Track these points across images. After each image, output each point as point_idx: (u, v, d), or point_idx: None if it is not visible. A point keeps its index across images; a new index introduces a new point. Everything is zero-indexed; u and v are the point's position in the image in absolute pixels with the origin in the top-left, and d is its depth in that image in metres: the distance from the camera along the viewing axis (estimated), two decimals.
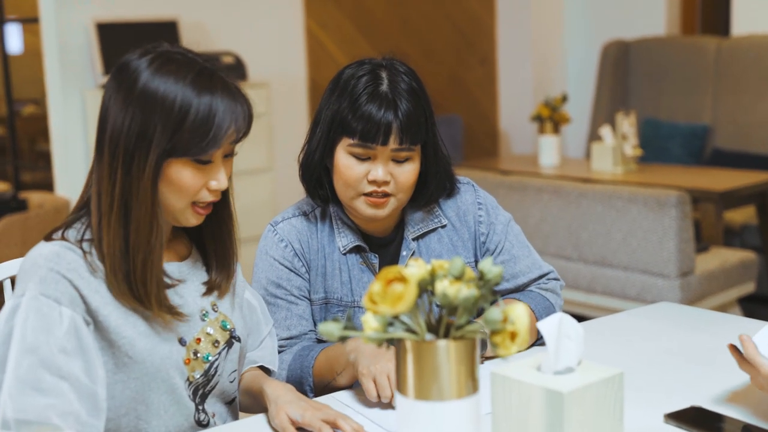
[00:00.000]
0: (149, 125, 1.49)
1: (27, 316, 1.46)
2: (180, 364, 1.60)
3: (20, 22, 6.64)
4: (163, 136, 1.49)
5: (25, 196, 5.35)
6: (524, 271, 2.04)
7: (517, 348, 1.18)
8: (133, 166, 1.50)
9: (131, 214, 1.51)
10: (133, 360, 1.55)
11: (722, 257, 4.38)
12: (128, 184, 1.51)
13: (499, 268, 1.18)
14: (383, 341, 1.17)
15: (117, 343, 1.54)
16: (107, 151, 1.52)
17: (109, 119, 1.52)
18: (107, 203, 1.51)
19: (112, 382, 1.55)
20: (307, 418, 1.58)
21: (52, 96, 5.24)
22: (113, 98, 1.53)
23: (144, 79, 1.50)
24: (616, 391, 1.29)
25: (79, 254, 1.52)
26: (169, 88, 1.49)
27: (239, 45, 5.60)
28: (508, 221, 2.05)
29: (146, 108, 1.49)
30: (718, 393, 1.70)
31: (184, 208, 1.56)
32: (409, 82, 1.86)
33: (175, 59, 1.53)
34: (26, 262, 1.52)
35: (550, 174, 5.41)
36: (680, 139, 5.99)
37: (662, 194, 4.03)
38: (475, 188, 2.05)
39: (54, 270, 1.49)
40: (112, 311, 1.53)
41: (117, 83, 1.53)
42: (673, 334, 2.07)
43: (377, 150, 1.83)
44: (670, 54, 6.27)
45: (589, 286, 4.36)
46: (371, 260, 1.96)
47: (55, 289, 1.48)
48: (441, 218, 2.00)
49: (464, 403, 1.17)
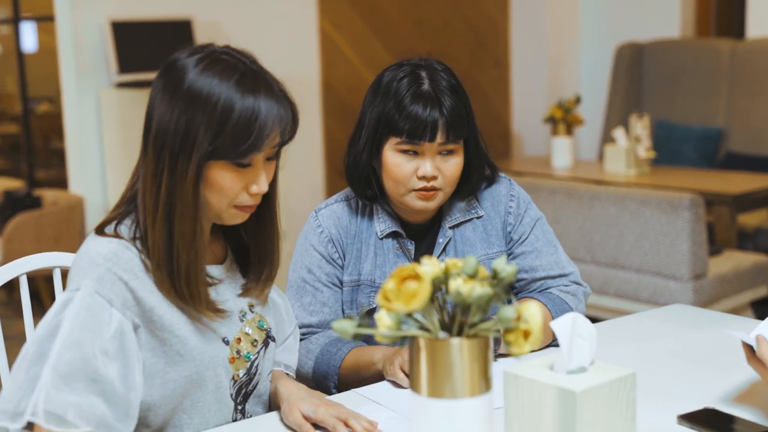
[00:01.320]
0: (192, 126, 1.49)
1: (78, 311, 1.47)
2: (226, 363, 1.62)
3: (35, 21, 6.67)
4: (205, 138, 1.48)
5: (40, 194, 5.38)
6: (544, 267, 2.06)
7: (530, 346, 1.18)
8: (177, 167, 1.50)
9: (175, 214, 1.52)
10: (184, 358, 1.56)
11: (735, 260, 4.37)
12: (172, 185, 1.51)
13: (513, 267, 1.19)
14: (397, 338, 1.18)
15: (169, 341, 1.55)
16: (152, 150, 1.52)
17: (154, 117, 1.53)
18: (152, 203, 1.52)
19: (164, 381, 1.56)
20: (320, 414, 1.59)
21: (66, 94, 5.26)
22: (159, 96, 1.53)
23: (190, 79, 1.50)
24: (628, 391, 1.29)
25: (135, 253, 1.53)
26: (214, 88, 1.49)
27: (253, 44, 5.56)
28: (539, 218, 2.10)
29: (190, 107, 1.49)
30: (731, 394, 1.70)
31: (226, 209, 1.57)
32: (448, 79, 1.94)
33: (221, 59, 1.53)
34: (83, 259, 1.52)
35: (563, 176, 5.41)
36: (694, 141, 5.98)
37: (675, 197, 4.02)
38: (512, 183, 2.11)
39: (111, 270, 1.50)
40: (166, 310, 1.54)
41: (164, 81, 1.53)
42: (686, 335, 2.07)
43: (424, 146, 1.90)
44: (684, 56, 6.25)
45: (601, 288, 4.35)
46: (407, 246, 2.02)
47: (110, 290, 1.49)
48: (478, 210, 2.06)
49: (477, 401, 1.18)
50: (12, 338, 3.92)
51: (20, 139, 6.92)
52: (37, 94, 6.77)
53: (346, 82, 6.14)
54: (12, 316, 5.23)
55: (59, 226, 4.99)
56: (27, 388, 1.42)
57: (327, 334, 2.00)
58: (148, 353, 1.54)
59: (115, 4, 5.20)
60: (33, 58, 6.63)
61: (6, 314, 5.26)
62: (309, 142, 5.81)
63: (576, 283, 2.09)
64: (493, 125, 7.07)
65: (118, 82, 5.08)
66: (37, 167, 6.70)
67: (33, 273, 1.92)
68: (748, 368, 1.80)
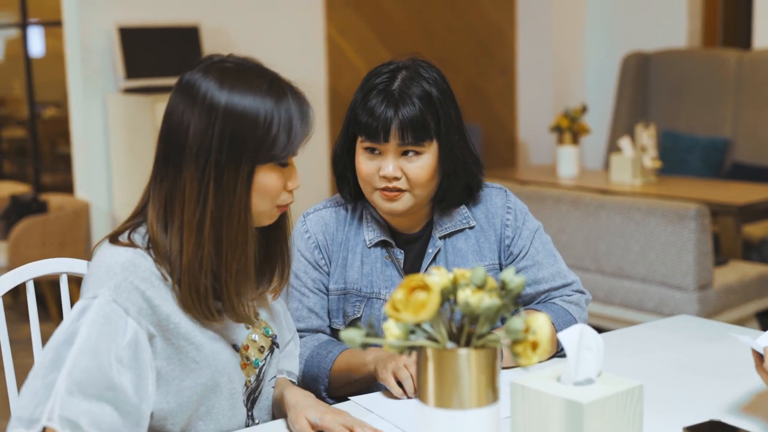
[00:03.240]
0: (237, 140, 1.52)
1: (95, 319, 1.47)
2: (239, 369, 1.64)
3: (43, 26, 6.69)
4: (252, 148, 1.53)
5: (46, 198, 5.38)
6: (547, 279, 2.04)
7: (538, 358, 1.18)
8: (224, 178, 1.53)
9: (224, 226, 1.54)
10: (199, 365, 1.58)
11: (741, 271, 4.36)
12: (220, 196, 1.53)
13: (521, 278, 1.19)
14: (405, 349, 1.18)
15: (185, 348, 1.56)
16: (192, 169, 1.53)
17: (189, 139, 1.53)
18: (197, 220, 1.53)
19: (180, 389, 1.57)
20: (326, 422, 1.59)
21: (73, 99, 5.27)
22: (189, 119, 1.53)
23: (222, 100, 1.53)
24: (635, 403, 1.29)
25: (151, 261, 1.54)
26: (250, 104, 1.53)
27: (260, 50, 5.58)
28: (537, 228, 2.06)
29: (231, 125, 1.52)
30: (737, 406, 1.70)
31: (270, 209, 1.61)
32: (422, 84, 1.89)
33: (242, 71, 1.57)
34: (99, 267, 1.52)
35: (569, 185, 5.41)
36: (700, 152, 5.97)
37: (681, 207, 4.02)
38: (507, 194, 2.07)
39: (128, 279, 1.50)
40: (182, 317, 1.56)
41: (189, 105, 1.54)
42: (692, 346, 2.07)
43: (385, 146, 1.88)
44: (690, 66, 6.25)
45: (606, 297, 4.35)
46: (397, 256, 1.99)
47: (126, 298, 1.50)
48: (470, 220, 2.02)
49: (484, 412, 1.18)
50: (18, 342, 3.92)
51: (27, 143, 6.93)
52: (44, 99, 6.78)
53: (352, 88, 6.15)
54: (18, 320, 5.24)
55: (65, 230, 5.00)
56: (43, 395, 1.43)
57: (316, 337, 1.99)
58: (164, 361, 1.55)
59: (123, 9, 5.22)
60: (40, 63, 6.65)
61: (12, 318, 5.26)
62: (315, 148, 5.81)
63: (578, 291, 2.08)
64: (499, 134, 7.07)
65: (125, 87, 5.09)
66: (44, 172, 6.71)
67: (39, 278, 1.92)
68: (753, 379, 1.80)
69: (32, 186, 6.43)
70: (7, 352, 1.83)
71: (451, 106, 1.93)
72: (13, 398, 1.83)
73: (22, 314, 5.21)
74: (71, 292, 4.14)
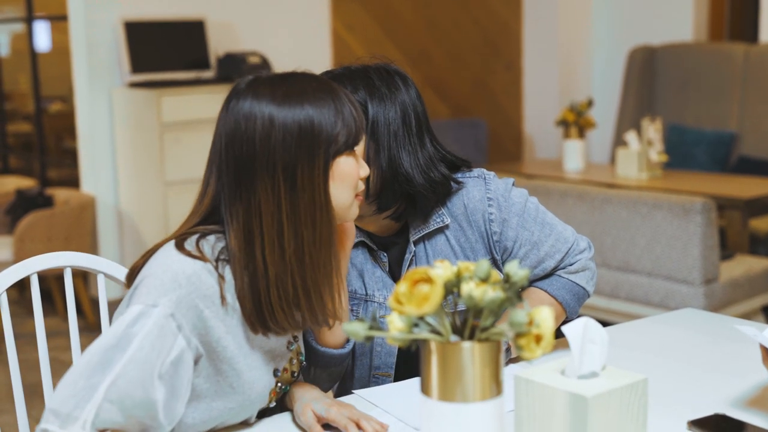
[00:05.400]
0: (304, 145, 1.53)
1: (151, 330, 1.45)
2: (267, 395, 1.64)
3: (49, 20, 6.69)
4: (325, 143, 1.54)
5: (51, 193, 5.39)
6: (550, 253, 1.98)
7: (542, 351, 1.18)
8: (297, 179, 1.52)
9: (302, 225, 1.53)
10: (234, 391, 1.58)
11: (747, 265, 4.35)
12: (296, 198, 1.52)
13: (525, 271, 1.18)
14: (408, 341, 1.18)
15: (226, 373, 1.56)
16: (265, 182, 1.52)
17: (257, 159, 1.52)
18: (275, 228, 1.52)
19: (209, 408, 1.57)
20: (332, 414, 1.59)
21: (79, 94, 5.28)
22: (254, 142, 1.52)
23: (282, 114, 1.52)
24: (640, 397, 1.29)
25: (215, 278, 1.52)
26: (311, 110, 1.53)
27: (266, 45, 5.61)
28: (523, 205, 1.96)
29: (298, 134, 1.52)
30: (742, 400, 1.70)
31: (351, 202, 1.61)
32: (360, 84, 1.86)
33: (285, 81, 1.56)
34: (165, 273, 1.50)
35: (575, 179, 5.40)
36: (706, 145, 5.96)
37: (687, 201, 4.01)
38: (486, 181, 1.97)
39: (191, 295, 1.49)
40: (231, 341, 1.55)
41: (250, 127, 1.53)
42: (697, 340, 2.06)
43: None
44: (697, 60, 6.24)
45: (612, 291, 4.34)
46: (382, 259, 1.96)
47: (184, 315, 1.48)
48: (444, 218, 1.94)
49: (488, 405, 1.17)
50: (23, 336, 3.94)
51: (32, 138, 6.94)
52: (49, 94, 6.78)
53: None
54: (23, 314, 5.25)
55: (70, 225, 5.01)
56: (84, 396, 1.42)
57: None
58: (203, 379, 1.55)
59: (128, 4, 5.22)
60: (46, 58, 6.65)
61: (18, 313, 5.28)
62: None
63: (580, 252, 2.02)
64: (505, 128, 7.06)
65: (131, 81, 5.09)
66: (49, 166, 6.72)
67: (44, 272, 1.92)
68: (759, 373, 1.79)
69: (38, 180, 6.44)
70: (12, 347, 1.84)
71: (392, 109, 1.86)
72: (17, 391, 1.83)
73: (28, 308, 5.21)
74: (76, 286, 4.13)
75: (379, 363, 1.97)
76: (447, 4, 6.78)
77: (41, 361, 1.86)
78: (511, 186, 1.99)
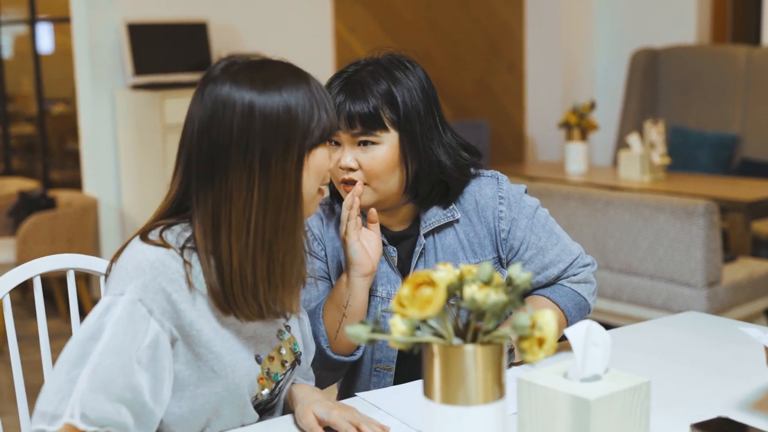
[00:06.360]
0: (284, 132, 1.52)
1: (121, 316, 1.47)
2: (254, 382, 1.63)
3: (51, 22, 6.70)
4: (300, 135, 1.53)
5: (54, 195, 5.39)
6: (554, 261, 1.99)
7: (544, 354, 1.18)
8: (270, 168, 1.52)
9: (270, 214, 1.52)
10: (216, 375, 1.57)
11: (749, 268, 4.35)
12: (266, 187, 1.52)
13: (528, 274, 1.18)
14: (411, 344, 1.18)
15: (205, 357, 1.56)
16: (239, 169, 1.51)
17: (233, 146, 1.51)
18: (246, 217, 1.51)
19: (194, 396, 1.57)
20: (333, 417, 1.59)
21: (82, 95, 5.28)
22: (231, 128, 1.52)
23: (260, 101, 1.51)
24: (642, 400, 1.28)
25: (181, 263, 1.53)
26: (287, 96, 1.53)
27: (268, 47, 5.61)
28: (534, 211, 1.99)
29: (274, 122, 1.52)
30: (745, 403, 1.69)
31: (314, 195, 1.60)
32: (383, 75, 1.87)
33: (263, 69, 1.56)
34: (129, 263, 1.51)
35: (577, 181, 5.40)
36: (708, 148, 5.96)
37: (690, 203, 4.01)
38: (499, 181, 1.99)
39: (156, 280, 1.49)
40: (205, 325, 1.55)
41: (228, 114, 1.52)
42: (700, 343, 2.06)
43: (339, 136, 1.86)
44: (699, 62, 6.24)
45: (614, 294, 4.34)
46: (390, 254, 1.97)
47: (152, 299, 1.49)
48: (455, 212, 1.96)
49: (490, 408, 1.17)
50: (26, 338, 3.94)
51: (35, 139, 6.94)
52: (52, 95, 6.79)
53: None
54: (26, 316, 5.25)
55: (73, 227, 5.01)
56: (66, 391, 1.43)
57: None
58: (183, 365, 1.55)
59: (131, 5, 5.22)
60: (49, 59, 6.65)
61: (20, 314, 5.28)
62: None
63: (584, 265, 2.03)
64: (507, 130, 7.06)
65: (134, 83, 5.09)
66: (52, 168, 6.72)
67: (47, 274, 1.92)
68: (762, 376, 1.79)
69: (41, 182, 6.44)
70: (15, 348, 1.84)
71: (421, 100, 1.89)
72: (20, 392, 1.83)
73: (31, 310, 5.22)
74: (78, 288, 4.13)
75: (380, 356, 1.97)
76: (449, 5, 6.78)
77: (44, 362, 1.87)
78: (523, 191, 2.02)
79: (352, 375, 2.01)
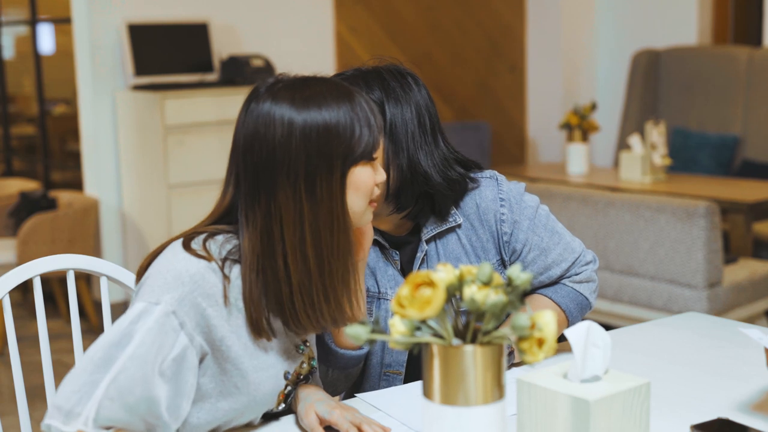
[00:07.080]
0: (326, 150, 1.53)
1: (152, 326, 1.46)
2: (275, 397, 1.64)
3: (52, 23, 6.70)
4: (342, 152, 1.54)
5: (55, 195, 5.39)
6: (557, 261, 1.98)
7: (544, 355, 1.18)
8: (317, 189, 1.53)
9: (323, 235, 1.53)
10: (239, 391, 1.58)
11: (750, 269, 4.35)
12: (316, 208, 1.53)
13: (528, 275, 1.18)
14: (411, 345, 1.18)
15: (230, 372, 1.56)
16: (286, 189, 1.52)
17: (277, 164, 1.52)
18: (298, 238, 1.52)
19: (214, 408, 1.57)
20: (335, 417, 1.59)
21: (83, 96, 5.28)
22: (274, 145, 1.52)
23: (301, 119, 1.52)
24: (642, 401, 1.28)
25: (220, 278, 1.53)
26: (329, 114, 1.53)
27: (269, 48, 5.62)
28: (535, 210, 1.98)
29: (317, 139, 1.52)
30: (745, 404, 1.69)
31: (365, 209, 1.61)
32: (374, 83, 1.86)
33: (305, 87, 1.55)
34: (169, 271, 1.50)
35: (578, 182, 5.40)
36: (710, 149, 5.96)
37: (691, 204, 4.00)
38: (498, 182, 1.98)
39: (194, 293, 1.49)
40: (235, 341, 1.55)
41: (270, 132, 1.52)
42: (701, 344, 2.06)
43: None
44: (701, 63, 6.23)
45: (615, 295, 4.34)
46: (393, 257, 1.96)
47: (186, 312, 1.48)
48: (456, 217, 1.95)
49: (490, 408, 1.17)
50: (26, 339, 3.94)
51: (36, 140, 6.95)
52: (53, 96, 6.79)
53: None
54: (26, 317, 5.25)
55: (74, 227, 5.01)
56: (86, 392, 1.43)
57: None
58: (208, 378, 1.55)
59: (132, 6, 5.22)
60: (50, 60, 6.66)
61: (20, 315, 5.28)
62: None
63: (585, 263, 2.03)
64: (508, 131, 7.06)
65: (135, 84, 5.09)
66: (53, 169, 6.72)
67: (47, 274, 1.92)
68: (763, 378, 1.79)
69: (41, 183, 6.44)
70: (15, 349, 1.84)
71: (407, 110, 1.87)
72: (20, 393, 1.83)
73: (31, 311, 5.22)
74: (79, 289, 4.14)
75: (390, 360, 1.97)
76: (450, 6, 6.78)
77: (44, 363, 1.86)
78: (523, 190, 2.00)
79: (361, 378, 2.00)
